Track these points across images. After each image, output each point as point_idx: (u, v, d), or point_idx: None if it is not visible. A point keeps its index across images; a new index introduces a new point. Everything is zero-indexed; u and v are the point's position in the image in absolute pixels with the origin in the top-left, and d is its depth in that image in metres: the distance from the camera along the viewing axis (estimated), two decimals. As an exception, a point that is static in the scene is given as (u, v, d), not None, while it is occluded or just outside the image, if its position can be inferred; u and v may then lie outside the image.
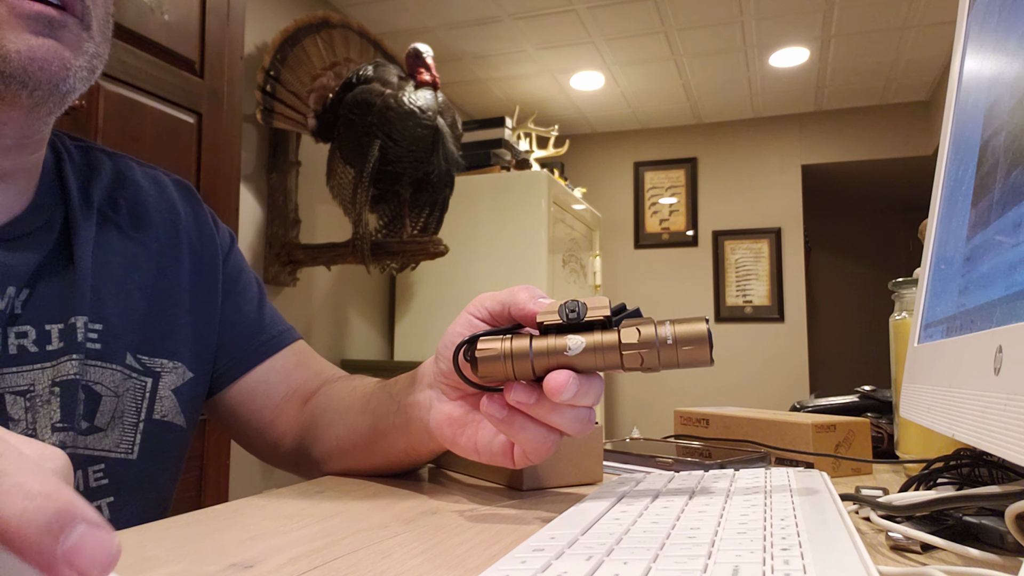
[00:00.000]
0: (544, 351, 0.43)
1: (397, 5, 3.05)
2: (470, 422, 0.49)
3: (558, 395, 0.42)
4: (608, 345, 0.42)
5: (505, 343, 0.43)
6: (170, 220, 0.65)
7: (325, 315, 2.98)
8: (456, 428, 0.49)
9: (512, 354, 0.43)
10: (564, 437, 0.46)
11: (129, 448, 0.57)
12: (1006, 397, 0.28)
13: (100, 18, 0.51)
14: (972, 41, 0.47)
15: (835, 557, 0.27)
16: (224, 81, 1.74)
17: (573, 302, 0.43)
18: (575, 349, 0.42)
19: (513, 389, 0.43)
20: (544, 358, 0.43)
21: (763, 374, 4.17)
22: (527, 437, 0.44)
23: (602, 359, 0.42)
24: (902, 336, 0.73)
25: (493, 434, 0.48)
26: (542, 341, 0.43)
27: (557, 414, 0.43)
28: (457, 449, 0.50)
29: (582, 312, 0.43)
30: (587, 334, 0.43)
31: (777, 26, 3.23)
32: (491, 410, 0.45)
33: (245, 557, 0.37)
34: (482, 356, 0.43)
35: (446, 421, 0.50)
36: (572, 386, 0.42)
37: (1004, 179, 0.34)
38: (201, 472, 1.62)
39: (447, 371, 0.49)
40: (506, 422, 0.44)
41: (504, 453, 0.47)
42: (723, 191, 4.41)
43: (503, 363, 0.43)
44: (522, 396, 0.43)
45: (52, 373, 0.52)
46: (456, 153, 2.56)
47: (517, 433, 0.45)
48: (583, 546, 0.32)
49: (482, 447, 0.48)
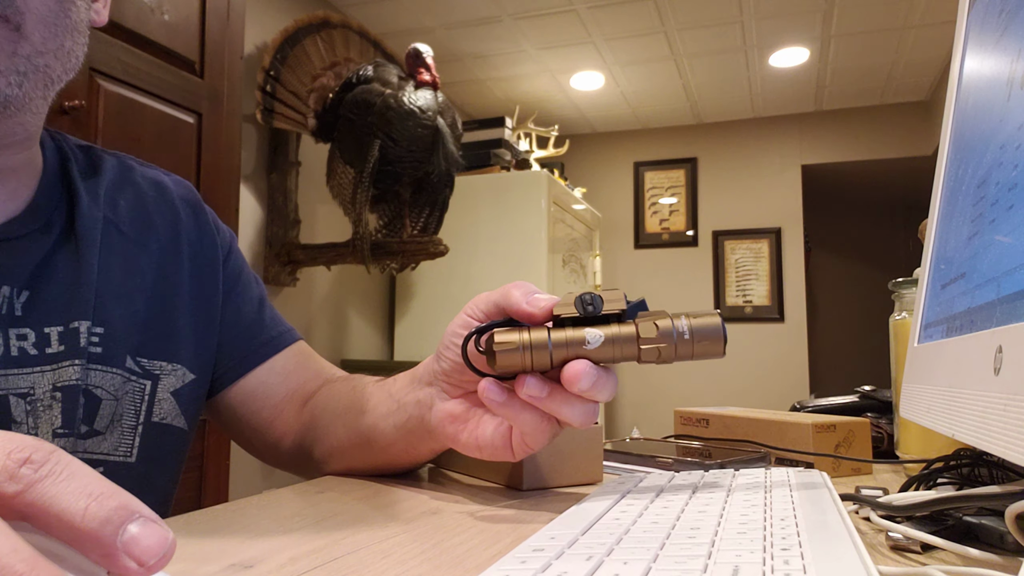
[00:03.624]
0: (563, 343, 0.43)
1: (397, 5, 3.05)
2: (471, 418, 0.49)
3: (576, 384, 0.42)
4: (626, 338, 0.43)
5: (524, 334, 0.43)
6: (170, 221, 0.64)
7: (325, 315, 2.98)
8: (458, 425, 0.49)
9: (532, 345, 0.43)
10: (567, 432, 0.46)
11: (128, 451, 0.57)
12: (1006, 397, 0.28)
13: (43, 12, 0.48)
14: (972, 41, 0.47)
15: (835, 557, 0.27)
16: (224, 81, 1.74)
17: (589, 295, 0.44)
18: (595, 343, 0.43)
19: (526, 383, 0.43)
20: (563, 349, 0.43)
21: (763, 374, 4.17)
22: (526, 420, 0.44)
23: (620, 352, 0.43)
24: (902, 336, 0.73)
25: (493, 428, 0.48)
26: (561, 333, 0.43)
27: (568, 406, 0.43)
28: (458, 446, 0.50)
29: (599, 305, 0.43)
30: (604, 327, 0.43)
31: (777, 26, 3.23)
32: (491, 394, 0.44)
33: (245, 557, 0.37)
34: (500, 348, 0.43)
35: (447, 418, 0.50)
36: (591, 375, 0.42)
37: (1004, 179, 0.34)
38: (201, 472, 1.62)
39: (449, 369, 0.49)
40: (506, 405, 0.44)
41: (505, 446, 0.47)
42: (723, 191, 4.41)
43: (521, 354, 0.43)
44: (535, 390, 0.43)
45: (53, 377, 0.52)
46: (456, 153, 2.56)
47: (517, 416, 0.45)
48: (583, 546, 0.32)
49: (483, 442, 0.48)
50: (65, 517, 0.22)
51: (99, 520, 0.22)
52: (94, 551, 0.22)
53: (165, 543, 0.22)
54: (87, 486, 0.22)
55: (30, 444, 0.23)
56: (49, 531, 0.22)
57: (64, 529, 0.22)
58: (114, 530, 0.22)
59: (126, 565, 0.22)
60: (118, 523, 0.22)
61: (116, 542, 0.22)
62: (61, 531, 0.22)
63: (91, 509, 0.22)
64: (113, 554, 0.22)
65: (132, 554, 0.22)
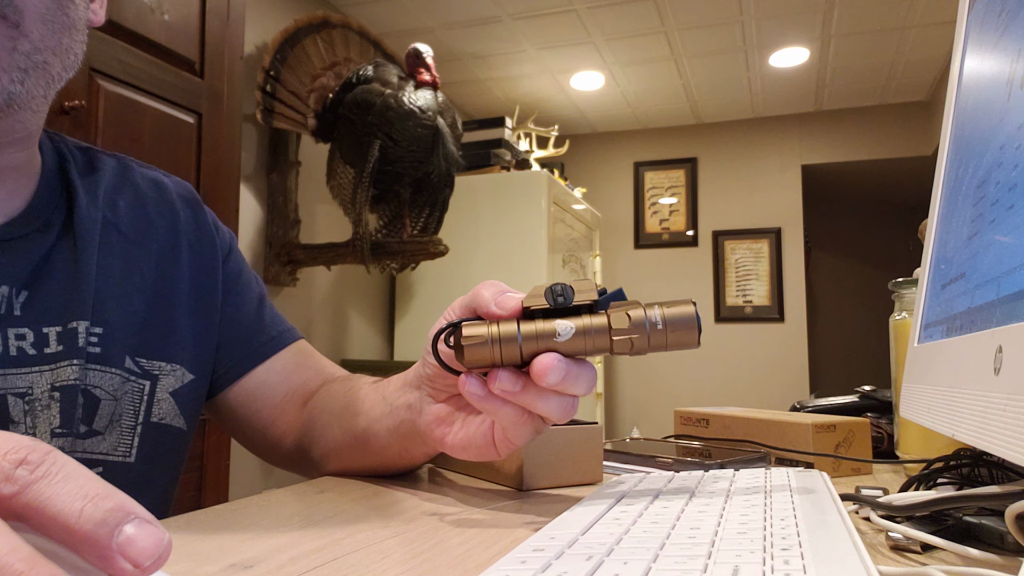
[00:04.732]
0: (532, 335, 0.42)
1: (397, 5, 3.05)
2: (457, 420, 0.49)
3: (544, 378, 0.41)
4: (598, 329, 0.41)
5: (492, 327, 0.42)
6: (170, 222, 0.64)
7: (325, 315, 2.98)
8: (444, 428, 0.49)
9: (500, 338, 0.42)
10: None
11: (127, 451, 0.57)
12: (1006, 397, 0.28)
13: (41, 9, 0.48)
14: (972, 41, 0.47)
15: (835, 557, 0.27)
16: (224, 81, 1.74)
17: (560, 285, 0.42)
18: (565, 334, 0.41)
19: (498, 377, 0.42)
20: (532, 342, 0.42)
21: (763, 374, 4.17)
22: (505, 414, 0.43)
23: (592, 343, 0.42)
24: (902, 336, 0.73)
25: (476, 427, 0.47)
26: (530, 325, 0.42)
27: (543, 400, 0.42)
28: (446, 448, 0.49)
29: (569, 296, 0.42)
30: (575, 318, 0.42)
31: (777, 26, 3.23)
32: (471, 387, 0.43)
33: (245, 557, 0.37)
34: (468, 343, 0.42)
35: (435, 421, 0.50)
36: (560, 368, 0.41)
37: (1004, 179, 0.34)
38: (201, 472, 1.62)
39: (433, 374, 0.49)
40: (486, 399, 0.43)
41: (488, 444, 0.47)
42: (723, 191, 4.41)
43: (489, 348, 0.42)
44: (507, 384, 0.42)
45: (51, 377, 0.52)
46: (456, 153, 2.56)
47: (497, 411, 0.43)
48: (583, 546, 0.32)
49: (468, 442, 0.48)
50: (61, 519, 0.22)
51: (95, 522, 0.22)
52: (90, 553, 0.22)
53: (160, 544, 0.22)
54: (83, 487, 0.22)
55: (26, 444, 0.22)
56: (45, 532, 0.22)
57: (60, 530, 0.22)
58: (109, 531, 0.22)
59: (122, 567, 0.22)
60: (113, 524, 0.22)
61: (112, 544, 0.22)
62: (57, 533, 0.22)
63: (87, 511, 0.22)
64: (109, 556, 0.22)
65: (128, 555, 0.22)
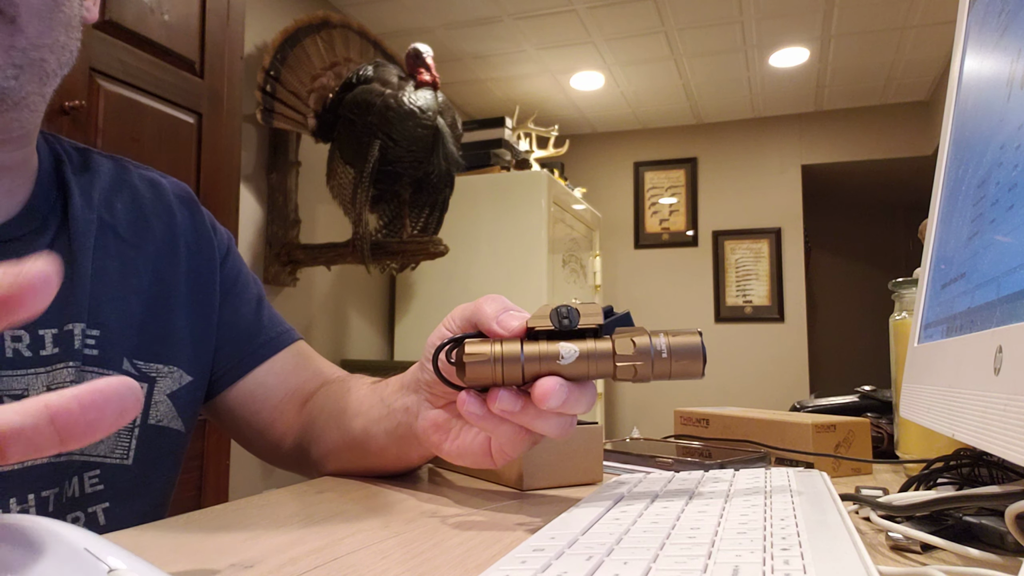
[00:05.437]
0: (536, 356, 0.41)
1: (397, 5, 3.05)
2: (453, 427, 0.49)
3: (546, 403, 0.40)
4: (602, 354, 0.41)
5: (495, 346, 0.42)
6: (167, 223, 0.64)
7: (325, 315, 2.98)
8: (441, 434, 0.49)
9: (503, 358, 0.41)
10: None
11: (124, 454, 0.56)
12: (1006, 397, 0.28)
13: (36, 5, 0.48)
14: (972, 41, 0.47)
15: (835, 557, 0.27)
16: (224, 81, 1.74)
17: (565, 307, 0.42)
18: (568, 358, 0.41)
19: (499, 397, 0.42)
20: (535, 364, 0.41)
21: (763, 374, 4.17)
22: (503, 432, 0.44)
23: (595, 368, 0.41)
24: (902, 336, 0.73)
25: (473, 437, 0.47)
26: (534, 347, 0.42)
27: (542, 420, 0.42)
28: (443, 454, 0.50)
29: (575, 319, 0.42)
30: (579, 341, 0.42)
31: (777, 26, 3.23)
32: (470, 407, 0.43)
33: (245, 557, 0.37)
34: (470, 360, 0.42)
35: (432, 427, 0.50)
36: (561, 393, 0.40)
37: (1004, 179, 0.34)
38: (201, 472, 1.62)
39: (430, 381, 0.48)
40: (484, 418, 0.43)
41: (484, 454, 0.47)
42: (723, 191, 4.41)
43: (491, 367, 0.41)
44: (507, 404, 0.42)
45: (47, 379, 0.51)
46: (456, 153, 2.56)
47: (494, 429, 0.44)
48: (583, 546, 0.32)
49: (465, 450, 0.48)
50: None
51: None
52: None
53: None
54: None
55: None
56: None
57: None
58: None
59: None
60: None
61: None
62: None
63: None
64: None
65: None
